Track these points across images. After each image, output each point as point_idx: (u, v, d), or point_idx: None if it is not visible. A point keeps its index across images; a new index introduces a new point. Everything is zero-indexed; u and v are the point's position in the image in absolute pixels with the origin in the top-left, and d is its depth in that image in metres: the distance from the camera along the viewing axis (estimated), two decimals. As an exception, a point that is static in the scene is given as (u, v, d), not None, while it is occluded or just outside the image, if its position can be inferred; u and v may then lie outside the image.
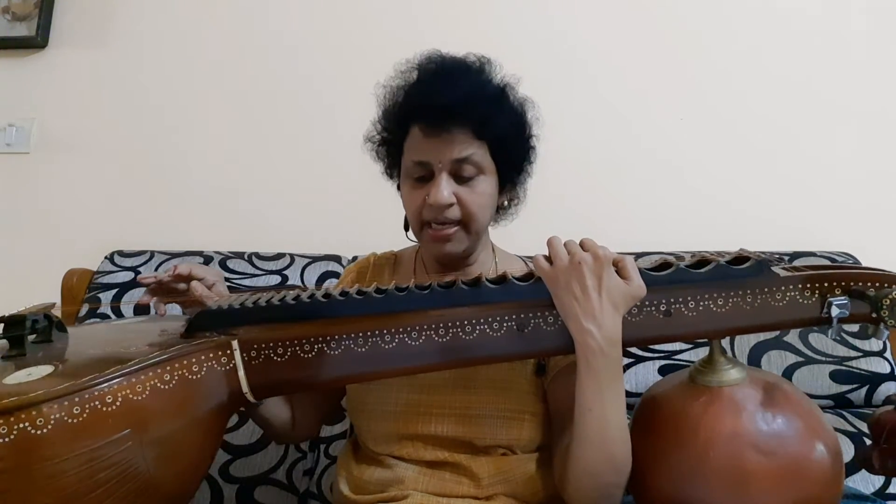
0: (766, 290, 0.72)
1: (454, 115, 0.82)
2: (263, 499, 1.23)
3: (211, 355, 0.68)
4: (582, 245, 0.72)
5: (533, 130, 0.93)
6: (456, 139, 0.83)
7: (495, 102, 0.86)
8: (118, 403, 0.59)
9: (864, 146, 1.59)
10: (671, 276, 0.73)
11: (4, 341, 0.69)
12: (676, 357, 1.27)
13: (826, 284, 0.71)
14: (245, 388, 0.71)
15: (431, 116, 0.83)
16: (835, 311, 0.70)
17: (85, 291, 1.43)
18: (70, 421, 0.56)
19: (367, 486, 0.87)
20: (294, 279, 1.42)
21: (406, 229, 0.97)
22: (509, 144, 0.88)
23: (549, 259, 0.73)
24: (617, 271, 0.72)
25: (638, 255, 1.39)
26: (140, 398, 0.61)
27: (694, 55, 1.65)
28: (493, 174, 0.88)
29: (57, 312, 0.79)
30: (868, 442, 0.76)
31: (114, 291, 1.40)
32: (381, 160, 0.98)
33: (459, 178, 0.85)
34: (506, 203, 0.96)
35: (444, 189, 0.83)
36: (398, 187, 0.96)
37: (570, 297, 0.70)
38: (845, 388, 1.24)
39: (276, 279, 1.42)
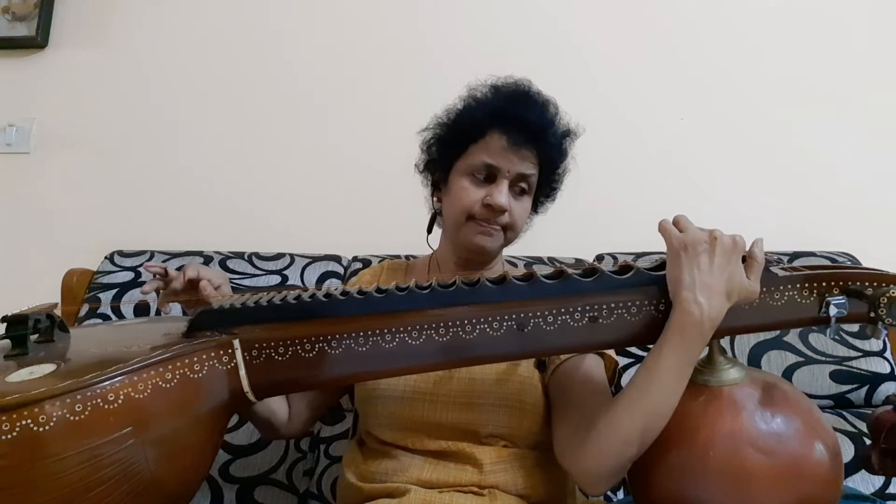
0: (764, 289, 0.72)
1: (536, 137, 0.92)
2: (263, 499, 1.24)
3: (212, 354, 0.69)
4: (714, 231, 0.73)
5: (564, 179, 1.03)
6: (527, 157, 0.93)
7: (561, 139, 0.97)
8: (120, 401, 0.59)
9: (865, 146, 1.60)
10: (670, 276, 0.74)
11: (7, 341, 0.69)
12: (676, 357, 1.27)
13: (824, 284, 0.72)
14: (246, 387, 0.71)
15: (518, 130, 0.91)
16: (833, 311, 0.70)
17: (85, 291, 1.43)
18: (72, 418, 0.57)
19: (374, 475, 0.89)
20: (294, 279, 1.43)
21: (429, 231, 1.04)
22: (551, 179, 1.00)
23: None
24: (745, 266, 0.71)
25: (638, 255, 1.40)
26: (142, 396, 0.61)
27: (694, 55, 1.65)
28: (532, 198, 0.98)
29: (58, 312, 0.79)
30: (868, 442, 0.76)
31: (114, 291, 1.40)
32: (429, 151, 1.02)
33: (514, 191, 0.94)
34: None
35: (505, 195, 0.91)
36: (434, 182, 1.02)
37: (693, 267, 0.70)
38: (845, 388, 1.24)
39: (276, 279, 1.42)
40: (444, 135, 0.99)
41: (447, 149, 0.98)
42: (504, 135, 0.91)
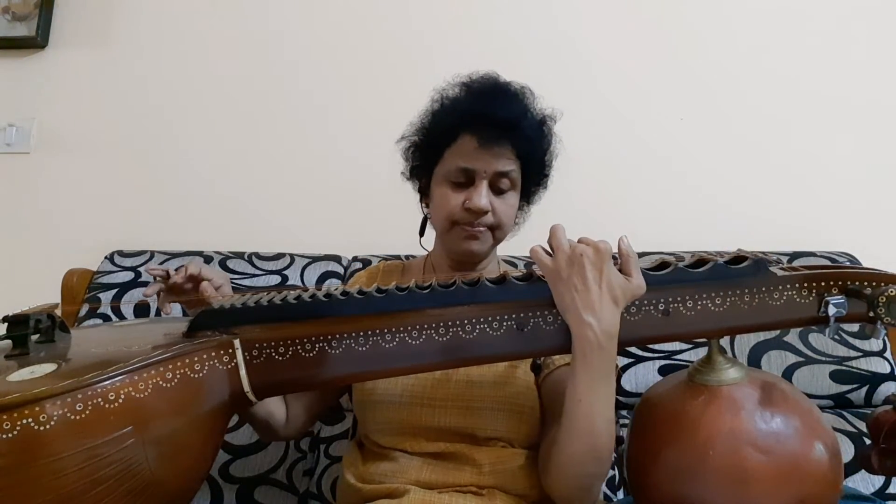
0: (763, 289, 0.72)
1: (508, 132, 0.90)
2: (263, 499, 1.24)
3: (213, 354, 0.69)
4: (580, 241, 0.73)
5: (553, 163, 1.01)
6: (503, 154, 0.91)
7: (539, 128, 0.95)
8: (120, 401, 0.59)
9: (864, 146, 1.60)
10: (669, 276, 0.74)
11: (8, 341, 0.70)
12: (676, 357, 1.28)
13: (823, 284, 0.72)
14: (246, 387, 0.71)
15: (488, 129, 0.89)
16: (832, 311, 0.70)
17: (85, 291, 1.43)
18: (73, 417, 0.57)
19: (374, 476, 0.89)
20: (294, 279, 1.43)
21: (421, 234, 1.03)
22: (537, 169, 0.98)
23: (548, 252, 0.74)
24: (620, 267, 0.72)
25: (638, 256, 1.39)
26: (142, 396, 0.61)
27: (694, 55, 1.66)
28: (518, 192, 0.96)
29: (59, 313, 0.79)
30: (868, 442, 0.76)
31: (114, 291, 1.41)
32: (411, 159, 1.01)
33: (495, 190, 0.92)
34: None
35: (484, 197, 0.90)
36: (420, 189, 1.02)
37: (570, 290, 0.70)
38: (845, 388, 1.24)
39: (276, 279, 1.42)
40: (419, 142, 0.99)
41: (425, 156, 0.98)
42: (474, 135, 0.90)
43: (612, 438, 0.75)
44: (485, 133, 0.89)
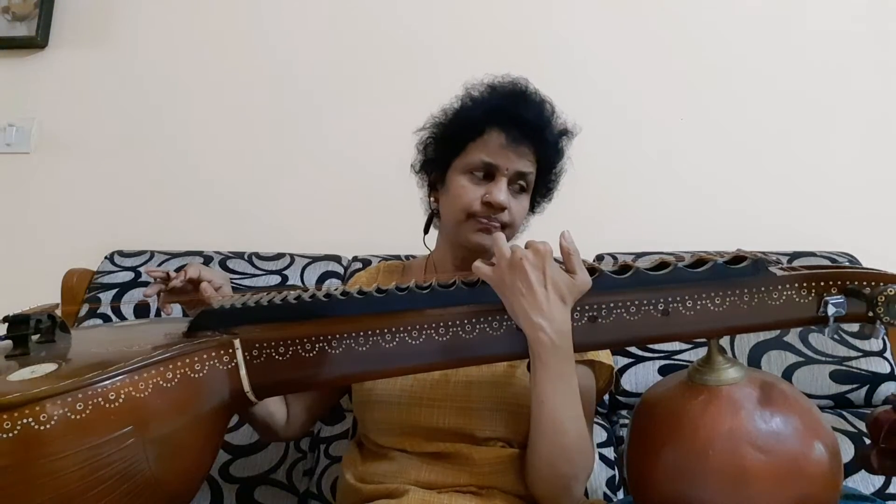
0: (762, 289, 0.72)
1: (533, 135, 0.93)
2: (263, 499, 1.23)
3: (213, 354, 0.69)
4: (521, 245, 0.75)
5: (560, 180, 1.03)
6: (525, 154, 0.93)
7: (558, 139, 0.98)
8: (121, 400, 0.60)
9: (863, 147, 1.60)
10: (669, 276, 0.74)
11: (8, 341, 0.70)
12: (676, 357, 1.28)
13: (822, 283, 0.72)
14: (247, 387, 0.71)
15: (516, 127, 0.91)
16: (831, 310, 0.70)
17: (85, 291, 1.43)
18: (73, 417, 0.57)
19: (373, 476, 0.90)
20: (294, 279, 1.43)
21: (426, 231, 1.03)
22: (547, 179, 1.01)
23: (490, 264, 0.75)
24: (564, 265, 0.73)
25: (638, 255, 1.40)
26: (142, 396, 0.61)
27: (695, 57, 1.66)
28: (529, 197, 0.98)
29: (59, 313, 0.79)
30: (868, 442, 0.77)
31: (114, 291, 1.40)
32: (426, 151, 1.02)
33: (512, 189, 0.94)
34: None
35: (504, 192, 0.92)
36: (430, 183, 1.02)
37: (516, 295, 0.72)
38: (845, 388, 1.24)
39: (276, 279, 1.42)
40: (441, 134, 0.99)
41: (445, 148, 0.98)
42: (502, 132, 0.91)
43: (582, 436, 0.76)
44: (512, 131, 0.91)
